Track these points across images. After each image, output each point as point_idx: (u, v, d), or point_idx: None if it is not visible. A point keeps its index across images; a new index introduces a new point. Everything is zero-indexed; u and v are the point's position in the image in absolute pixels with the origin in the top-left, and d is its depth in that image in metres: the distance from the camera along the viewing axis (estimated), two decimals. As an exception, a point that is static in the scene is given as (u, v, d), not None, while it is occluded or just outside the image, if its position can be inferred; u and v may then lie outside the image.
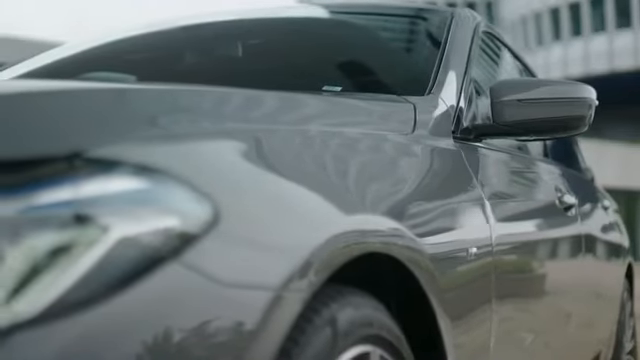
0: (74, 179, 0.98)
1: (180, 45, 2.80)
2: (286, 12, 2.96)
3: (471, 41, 2.49)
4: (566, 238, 2.77)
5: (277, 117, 1.45)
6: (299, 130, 1.43)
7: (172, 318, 0.99)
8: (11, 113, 1.06)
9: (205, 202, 1.06)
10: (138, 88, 1.29)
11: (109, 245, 0.96)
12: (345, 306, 1.31)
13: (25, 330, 0.90)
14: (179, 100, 1.28)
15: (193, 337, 1.00)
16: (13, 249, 0.92)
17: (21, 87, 1.23)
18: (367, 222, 1.39)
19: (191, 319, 1.01)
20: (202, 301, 1.02)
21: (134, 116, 1.16)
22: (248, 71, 2.44)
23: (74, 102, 1.14)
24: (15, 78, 2.66)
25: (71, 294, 0.93)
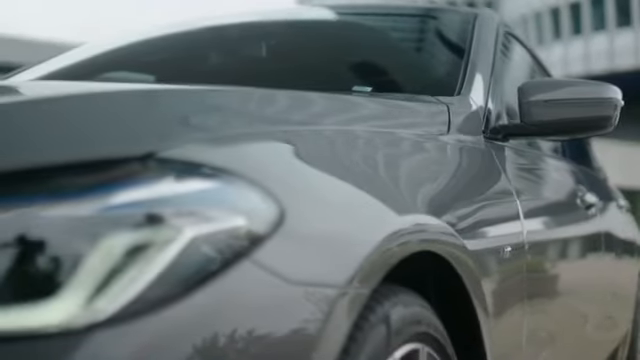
0: (148, 180, 1.00)
1: (203, 46, 2.82)
2: (307, 14, 2.99)
3: (495, 41, 2.52)
4: (588, 237, 2.79)
5: (328, 117, 1.48)
6: (350, 130, 1.45)
7: (243, 315, 1.01)
8: (87, 115, 1.09)
9: (271, 202, 1.09)
10: (202, 89, 1.31)
11: (182, 244, 0.98)
12: (397, 304, 1.33)
13: (104, 329, 0.92)
14: (238, 101, 1.31)
15: (263, 333, 1.02)
16: (92, 249, 0.94)
17: (94, 89, 1.25)
18: (418, 221, 1.41)
19: (261, 316, 1.03)
20: (271, 299, 1.05)
21: (200, 117, 1.18)
22: (274, 72, 2.46)
23: (146, 104, 1.17)
24: (38, 79, 2.68)
25: (147, 293, 0.95)
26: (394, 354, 1.30)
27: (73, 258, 0.94)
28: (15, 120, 1.06)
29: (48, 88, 1.31)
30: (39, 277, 0.93)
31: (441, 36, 2.76)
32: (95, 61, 2.90)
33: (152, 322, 0.94)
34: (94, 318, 0.92)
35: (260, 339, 1.02)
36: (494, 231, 1.83)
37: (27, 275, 0.93)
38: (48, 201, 0.95)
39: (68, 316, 0.91)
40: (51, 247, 0.93)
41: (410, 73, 2.47)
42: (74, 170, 0.99)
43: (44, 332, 0.90)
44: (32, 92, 1.20)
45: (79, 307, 0.92)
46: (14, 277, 0.93)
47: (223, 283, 0.99)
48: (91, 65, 2.86)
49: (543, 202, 2.36)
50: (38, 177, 0.97)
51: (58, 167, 0.99)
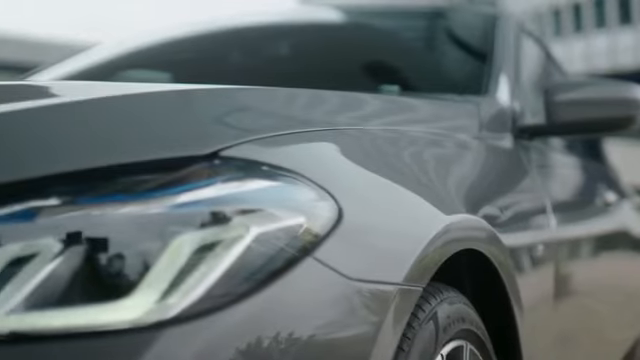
0: (214, 178, 1.02)
1: (224, 46, 2.84)
2: (327, 14, 3.00)
3: (517, 41, 2.54)
4: (609, 235, 2.81)
5: (374, 117, 1.50)
6: (394, 130, 1.48)
7: (307, 312, 1.03)
8: (152, 114, 1.10)
9: (329, 200, 1.10)
10: (254, 89, 1.33)
11: (248, 242, 1.00)
12: (443, 302, 1.35)
13: (175, 326, 0.94)
14: (289, 101, 1.33)
15: (326, 330, 1.04)
16: (163, 248, 0.96)
17: (159, 89, 1.27)
18: (463, 220, 1.43)
19: (324, 313, 1.04)
20: (333, 296, 1.06)
21: (255, 116, 1.20)
22: (297, 73, 2.48)
23: (206, 103, 1.18)
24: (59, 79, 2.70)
25: (214, 291, 0.96)
26: (441, 351, 1.32)
27: (145, 256, 0.95)
28: (83, 120, 1.08)
29: (105, 88, 1.32)
30: (112, 275, 0.94)
31: (462, 36, 2.78)
32: (118, 60, 2.92)
33: (219, 319, 0.96)
34: (166, 315, 0.93)
35: (323, 335, 1.03)
36: (527, 229, 1.85)
37: (100, 273, 0.94)
38: (118, 200, 0.97)
39: (141, 313, 0.93)
40: (123, 246, 0.95)
41: (434, 73, 2.49)
42: (142, 170, 1.00)
43: (118, 329, 0.92)
44: (92, 92, 1.21)
45: (152, 305, 0.93)
46: (88, 275, 0.94)
47: (288, 280, 1.01)
48: (115, 64, 2.87)
49: (569, 201, 2.38)
50: (107, 177, 0.99)
51: (126, 167, 1.00)
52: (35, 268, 0.93)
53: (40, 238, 0.93)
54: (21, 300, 0.92)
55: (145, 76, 2.87)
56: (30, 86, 1.50)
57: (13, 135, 1.03)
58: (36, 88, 1.40)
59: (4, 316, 0.91)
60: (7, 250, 0.93)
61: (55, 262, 0.93)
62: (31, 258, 0.93)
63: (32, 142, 1.02)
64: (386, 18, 2.89)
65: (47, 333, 0.91)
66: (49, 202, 0.95)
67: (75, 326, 0.92)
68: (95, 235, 0.95)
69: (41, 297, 0.93)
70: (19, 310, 0.92)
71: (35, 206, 0.95)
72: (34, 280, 0.92)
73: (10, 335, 0.91)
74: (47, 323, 0.92)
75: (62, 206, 0.95)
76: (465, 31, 2.78)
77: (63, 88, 1.40)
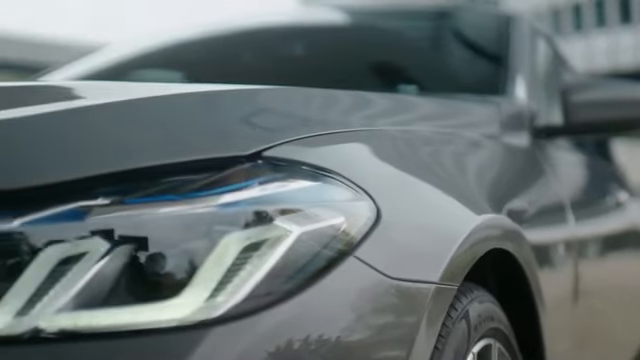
0: (257, 178, 1.03)
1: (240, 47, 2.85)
2: (341, 15, 3.01)
3: (532, 42, 2.56)
4: (623, 234, 2.82)
5: (404, 118, 1.51)
6: (423, 130, 1.49)
7: (349, 310, 1.04)
8: (197, 115, 1.12)
9: (367, 200, 1.11)
10: (291, 89, 1.34)
11: (291, 242, 1.01)
12: (473, 300, 1.36)
13: (222, 324, 0.95)
14: (323, 101, 1.34)
15: (367, 329, 1.05)
16: (211, 248, 0.97)
17: (200, 89, 1.28)
18: (493, 219, 1.44)
19: (365, 312, 1.06)
20: (374, 294, 1.07)
21: (292, 117, 1.22)
22: (315, 73, 2.49)
23: (247, 103, 1.20)
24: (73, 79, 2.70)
25: (259, 290, 0.97)
26: (473, 349, 1.33)
27: (192, 256, 0.96)
28: (129, 120, 1.09)
29: (143, 89, 1.33)
30: (160, 274, 0.95)
31: (476, 37, 2.79)
32: (131, 60, 2.93)
33: (264, 319, 0.97)
34: (213, 314, 0.95)
35: (365, 334, 1.05)
36: (549, 228, 1.87)
37: (148, 272, 0.95)
38: (165, 200, 0.98)
39: (190, 312, 0.94)
40: (170, 245, 0.96)
41: (449, 73, 2.50)
42: (187, 170, 1.01)
43: (167, 327, 0.93)
44: (133, 93, 1.22)
45: (201, 303, 0.94)
46: (136, 274, 0.95)
47: (330, 279, 1.02)
48: (129, 64, 2.88)
49: (585, 200, 2.39)
50: (153, 177, 1.00)
51: (171, 167, 1.01)
52: (83, 267, 0.94)
53: (88, 238, 0.94)
54: (70, 299, 0.93)
55: (158, 76, 2.89)
56: (68, 87, 1.52)
57: (61, 135, 1.04)
58: (74, 89, 1.41)
59: (53, 315, 0.92)
60: (56, 249, 0.94)
61: (103, 261, 0.94)
62: (80, 257, 0.94)
63: (80, 142, 1.03)
64: (395, 19, 2.90)
65: (96, 331, 0.92)
66: (98, 202, 0.96)
67: (124, 324, 0.93)
68: (142, 235, 0.96)
69: (89, 296, 0.94)
70: (68, 309, 0.93)
71: (84, 206, 0.96)
72: (82, 279, 0.93)
73: (59, 333, 0.92)
74: (96, 321, 0.93)
75: (110, 206, 0.96)
76: (478, 31, 2.80)
77: (102, 89, 1.42)
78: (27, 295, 0.92)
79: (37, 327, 0.92)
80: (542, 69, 2.82)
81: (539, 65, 2.71)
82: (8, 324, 0.91)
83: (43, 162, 0.99)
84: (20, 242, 0.93)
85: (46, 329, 0.92)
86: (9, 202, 0.94)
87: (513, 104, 2.12)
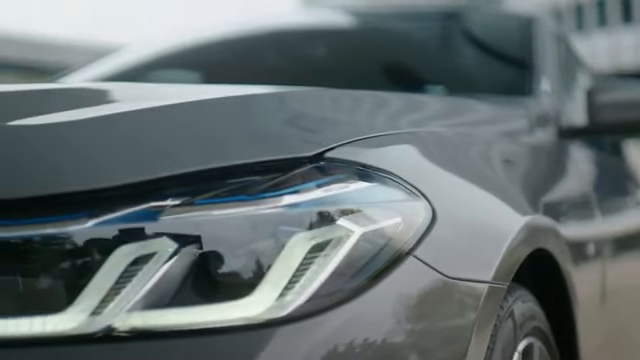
0: (321, 179, 1.05)
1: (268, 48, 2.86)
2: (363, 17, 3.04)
3: (555, 44, 2.58)
4: None
5: (444, 119, 1.53)
6: (463, 131, 1.51)
7: (410, 309, 1.06)
8: (260, 117, 1.14)
9: (423, 201, 1.13)
10: (342, 92, 1.36)
11: (353, 242, 1.02)
12: (517, 299, 1.38)
13: (290, 323, 0.97)
14: (372, 103, 1.36)
15: (427, 326, 1.07)
16: (280, 248, 0.99)
17: (261, 91, 1.30)
18: (535, 219, 1.46)
19: (425, 311, 1.07)
20: (432, 294, 1.09)
21: (347, 118, 1.23)
22: (343, 74, 2.51)
23: (307, 105, 1.22)
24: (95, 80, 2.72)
25: (324, 290, 0.99)
26: (518, 348, 1.35)
27: (261, 256, 0.98)
28: (197, 121, 1.11)
29: (204, 91, 1.35)
30: (230, 274, 0.97)
31: (498, 38, 2.81)
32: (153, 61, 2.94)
33: (328, 318, 0.98)
34: (282, 313, 0.96)
35: (424, 332, 1.06)
36: (580, 226, 1.90)
37: (217, 272, 0.97)
38: (234, 201, 1.00)
39: (261, 311, 0.96)
40: (239, 245, 0.98)
41: (477, 74, 2.52)
42: (253, 171, 1.03)
43: (237, 326, 0.95)
44: (195, 95, 1.24)
45: (271, 303, 0.96)
46: (205, 274, 0.97)
47: (392, 279, 1.04)
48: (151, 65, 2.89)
49: (609, 199, 2.41)
50: (220, 178, 1.02)
51: (238, 168, 1.03)
52: (153, 267, 0.95)
53: (159, 238, 0.96)
54: (141, 298, 0.95)
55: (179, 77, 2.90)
56: (129, 88, 1.54)
57: (133, 136, 1.06)
58: (135, 90, 1.43)
59: (125, 314, 0.94)
60: (128, 249, 0.95)
61: (172, 261, 0.96)
62: (150, 257, 0.96)
63: (151, 143, 1.05)
64: (410, 21, 2.92)
65: (166, 330, 0.94)
66: (169, 203, 0.98)
67: (194, 323, 0.94)
68: (211, 235, 0.97)
69: (159, 295, 0.95)
70: (139, 308, 0.94)
71: (155, 206, 0.97)
72: (153, 279, 0.95)
73: (131, 332, 0.94)
74: (166, 320, 0.94)
75: (181, 206, 0.98)
76: (500, 33, 2.81)
77: (165, 90, 1.44)
78: (101, 294, 0.94)
79: (110, 326, 0.93)
80: (562, 69, 2.85)
81: (560, 65, 2.73)
82: (83, 323, 0.93)
83: (116, 163, 1.01)
84: (94, 242, 0.95)
85: (118, 328, 0.93)
86: (83, 203, 0.96)
87: (540, 105, 2.14)
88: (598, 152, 2.80)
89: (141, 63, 2.91)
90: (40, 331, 0.93)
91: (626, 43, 37.12)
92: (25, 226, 0.95)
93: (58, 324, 0.93)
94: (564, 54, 3.02)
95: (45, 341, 0.93)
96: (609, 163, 2.85)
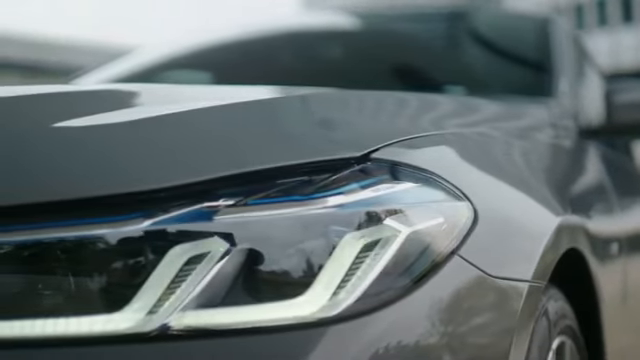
0: (368, 180, 1.06)
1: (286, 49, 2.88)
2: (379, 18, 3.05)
3: (572, 44, 2.60)
4: None
5: (477, 120, 1.55)
6: (494, 132, 1.53)
7: (455, 309, 1.07)
8: (308, 118, 1.15)
9: (465, 201, 1.15)
10: (383, 94, 1.38)
11: (401, 242, 1.04)
12: (550, 298, 1.39)
13: (341, 322, 0.98)
14: (412, 104, 1.38)
15: (473, 325, 1.09)
16: (331, 248, 1.00)
17: (309, 92, 1.31)
18: (568, 219, 1.48)
19: (470, 310, 1.09)
20: (476, 293, 1.11)
21: (390, 120, 1.25)
22: (362, 75, 2.52)
23: (350, 106, 1.23)
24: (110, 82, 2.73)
25: (374, 289, 1.00)
26: (552, 346, 1.37)
27: (313, 256, 0.99)
28: (249, 122, 1.13)
29: (251, 92, 1.37)
30: (282, 274, 0.99)
31: (514, 39, 2.82)
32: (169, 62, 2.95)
33: (378, 318, 1.00)
34: (333, 312, 0.98)
35: (471, 330, 1.08)
36: (605, 225, 1.91)
37: (270, 272, 0.99)
38: (286, 201, 1.01)
39: (314, 311, 0.97)
40: (290, 245, 0.99)
41: (495, 75, 2.54)
42: (303, 171, 1.04)
43: (291, 324, 0.96)
44: (243, 96, 1.26)
45: (324, 302, 0.97)
46: (258, 274, 0.98)
47: (438, 278, 1.05)
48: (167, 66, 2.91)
49: (629, 198, 2.43)
50: (271, 179, 1.03)
51: (288, 169, 1.04)
52: (207, 266, 0.96)
53: (213, 238, 0.97)
54: (194, 297, 0.96)
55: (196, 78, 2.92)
56: (180, 89, 1.55)
57: (188, 137, 1.08)
58: (186, 91, 1.44)
59: (180, 313, 0.95)
60: (183, 249, 0.96)
61: (226, 260, 0.97)
62: (204, 257, 0.97)
63: (205, 144, 1.07)
64: (421, 21, 2.94)
65: (221, 328, 0.95)
66: (222, 203, 0.99)
67: (247, 322, 0.96)
68: (264, 235, 0.99)
69: (213, 294, 0.96)
70: (193, 307, 0.95)
71: (209, 206, 0.99)
72: (206, 278, 0.96)
73: (185, 331, 0.95)
74: (220, 319, 0.96)
75: (234, 207, 0.99)
76: (515, 34, 2.83)
77: (212, 91, 1.45)
78: (157, 294, 0.95)
79: (165, 325, 0.94)
80: (577, 69, 2.87)
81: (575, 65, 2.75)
82: (139, 322, 0.94)
83: (171, 164, 1.02)
84: (149, 242, 0.96)
85: (173, 327, 0.95)
86: (139, 203, 0.97)
87: (561, 105, 2.16)
88: (613, 152, 2.82)
89: (156, 64, 2.93)
90: (97, 330, 0.94)
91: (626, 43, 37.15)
92: (81, 226, 0.96)
93: (115, 323, 0.94)
94: (577, 54, 3.04)
95: (102, 340, 0.94)
96: (623, 163, 2.87)
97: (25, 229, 0.96)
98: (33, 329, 0.94)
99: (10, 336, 0.94)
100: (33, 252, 0.96)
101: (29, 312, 0.95)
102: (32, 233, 0.95)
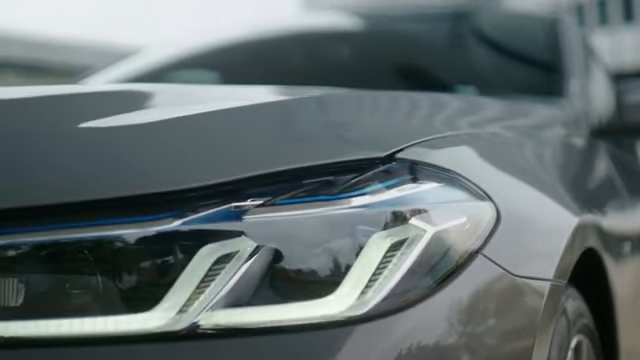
0: (393, 180, 1.07)
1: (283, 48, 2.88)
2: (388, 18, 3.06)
3: (581, 44, 2.61)
4: None
5: (494, 120, 1.56)
6: (512, 133, 1.54)
7: (479, 308, 1.08)
8: (334, 118, 1.16)
9: (488, 200, 1.15)
10: (406, 95, 1.39)
11: (426, 241, 1.05)
12: (568, 297, 1.40)
13: (369, 321, 0.99)
14: (433, 106, 1.38)
15: (498, 324, 1.09)
16: (359, 247, 1.01)
17: (333, 92, 1.32)
18: (586, 218, 1.49)
19: (494, 309, 1.10)
20: (500, 292, 1.12)
21: (412, 120, 1.26)
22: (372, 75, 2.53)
23: (376, 107, 1.24)
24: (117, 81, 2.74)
25: (400, 289, 1.01)
26: (571, 345, 1.37)
27: (341, 255, 1.00)
28: (275, 122, 1.13)
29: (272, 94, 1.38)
30: (310, 273, 0.99)
31: (524, 39, 2.82)
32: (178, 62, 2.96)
33: (404, 317, 1.00)
34: (361, 311, 0.98)
35: (494, 329, 1.09)
36: (620, 225, 1.92)
37: (298, 271, 0.99)
38: (313, 201, 1.02)
39: (342, 309, 0.98)
40: (318, 245, 1.00)
41: (506, 75, 2.54)
42: (329, 171, 1.05)
43: (318, 323, 0.97)
44: (269, 96, 1.27)
45: (353, 301, 0.98)
46: (288, 273, 0.99)
47: (463, 278, 1.06)
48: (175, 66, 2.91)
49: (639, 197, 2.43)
50: (298, 179, 1.04)
51: (315, 169, 1.05)
52: (235, 265, 0.97)
53: (242, 237, 0.98)
54: (223, 296, 0.96)
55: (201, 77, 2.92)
56: (202, 90, 1.56)
57: (217, 136, 1.08)
58: (208, 91, 1.45)
59: (209, 311, 0.96)
60: (212, 249, 0.97)
61: (254, 260, 0.98)
62: (233, 256, 0.97)
63: (234, 143, 1.08)
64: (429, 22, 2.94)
65: (250, 327, 0.96)
66: (251, 203, 1.00)
67: (275, 321, 0.96)
68: (292, 234, 0.99)
69: (241, 293, 0.97)
70: (222, 306, 0.96)
71: (238, 206, 0.99)
72: (235, 277, 0.97)
73: (214, 329, 0.96)
74: (250, 318, 0.96)
75: (263, 206, 1.00)
76: (525, 34, 2.83)
77: (232, 91, 1.46)
78: (188, 293, 0.96)
79: (195, 324, 0.95)
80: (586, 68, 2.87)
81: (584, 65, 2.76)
82: (169, 321, 0.95)
83: (201, 164, 1.03)
84: (179, 242, 0.97)
85: (203, 326, 0.95)
86: (169, 203, 0.98)
87: (573, 105, 2.17)
88: (621, 151, 2.83)
89: (165, 65, 2.93)
90: (127, 329, 0.94)
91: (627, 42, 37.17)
92: (112, 226, 0.97)
93: (145, 322, 0.95)
94: (585, 53, 3.05)
95: (132, 339, 0.95)
96: (631, 162, 2.88)
97: (57, 229, 0.96)
98: (63, 328, 0.95)
99: (42, 335, 0.94)
100: (64, 252, 0.96)
101: (60, 311, 0.95)
102: (63, 233, 0.96)
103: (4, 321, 0.95)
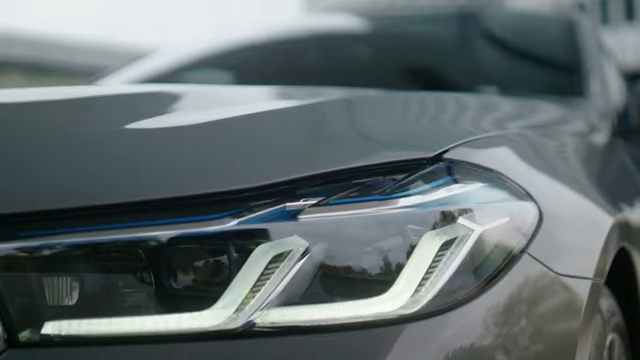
0: (441, 180, 1.09)
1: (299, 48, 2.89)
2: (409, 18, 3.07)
3: (597, 43, 2.62)
4: None
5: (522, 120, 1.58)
6: (545, 133, 1.56)
7: (526, 307, 1.09)
8: (381, 119, 1.18)
9: (531, 200, 1.17)
10: (448, 95, 1.41)
11: (474, 240, 1.06)
12: (602, 296, 1.41)
13: (420, 320, 1.00)
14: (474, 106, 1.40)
15: (544, 323, 1.11)
16: (411, 247, 1.02)
17: (377, 94, 1.34)
18: (619, 217, 1.50)
19: (540, 308, 1.11)
20: (545, 291, 1.13)
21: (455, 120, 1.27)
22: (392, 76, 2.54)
23: (421, 108, 1.26)
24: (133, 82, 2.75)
25: (450, 286, 1.03)
26: (605, 343, 1.39)
27: (393, 255, 1.01)
28: (325, 123, 1.15)
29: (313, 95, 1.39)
30: (363, 272, 1.01)
31: (543, 40, 2.84)
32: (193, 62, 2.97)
33: (453, 316, 1.02)
34: (413, 310, 1.00)
35: (540, 328, 1.10)
36: None
37: (351, 270, 1.01)
38: (365, 201, 1.03)
39: (397, 308, 0.99)
40: (370, 244, 1.01)
41: (526, 75, 2.56)
42: (379, 172, 1.07)
43: (375, 321, 0.98)
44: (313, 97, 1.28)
45: (406, 300, 1.00)
46: (340, 272, 1.00)
47: (510, 277, 1.08)
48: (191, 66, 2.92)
49: None
50: (351, 179, 1.05)
51: (365, 169, 1.07)
52: (289, 264, 0.99)
53: (296, 237, 0.99)
54: (278, 294, 0.98)
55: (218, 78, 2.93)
56: (245, 91, 1.58)
57: (273, 136, 1.10)
58: (251, 92, 1.46)
59: (265, 310, 0.97)
60: (267, 248, 0.99)
61: (307, 259, 0.99)
62: (287, 255, 0.99)
63: (289, 143, 1.09)
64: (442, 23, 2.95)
65: (304, 325, 0.98)
66: (305, 202, 1.01)
67: (331, 319, 0.98)
68: (345, 234, 1.01)
69: (295, 292, 0.99)
70: (276, 304, 0.98)
71: (292, 206, 1.01)
72: (289, 276, 0.98)
73: (270, 328, 0.97)
74: (305, 316, 0.98)
75: (317, 206, 1.01)
76: (543, 34, 2.85)
77: (281, 93, 1.47)
78: (244, 292, 0.97)
79: (251, 322, 0.96)
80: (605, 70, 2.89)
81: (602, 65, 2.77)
82: (226, 319, 0.96)
83: (257, 164, 1.05)
84: (236, 241, 0.98)
85: (258, 324, 0.97)
86: (227, 203, 0.99)
87: (595, 105, 2.19)
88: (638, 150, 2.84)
89: (181, 65, 2.95)
90: (185, 327, 0.96)
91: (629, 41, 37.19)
92: (170, 226, 0.98)
93: (202, 320, 0.96)
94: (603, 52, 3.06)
95: (189, 337, 0.96)
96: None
97: (114, 229, 0.98)
98: (122, 326, 0.96)
99: (100, 333, 0.95)
100: (120, 251, 0.98)
101: (118, 310, 0.97)
102: (120, 232, 0.97)
103: (59, 319, 0.96)
